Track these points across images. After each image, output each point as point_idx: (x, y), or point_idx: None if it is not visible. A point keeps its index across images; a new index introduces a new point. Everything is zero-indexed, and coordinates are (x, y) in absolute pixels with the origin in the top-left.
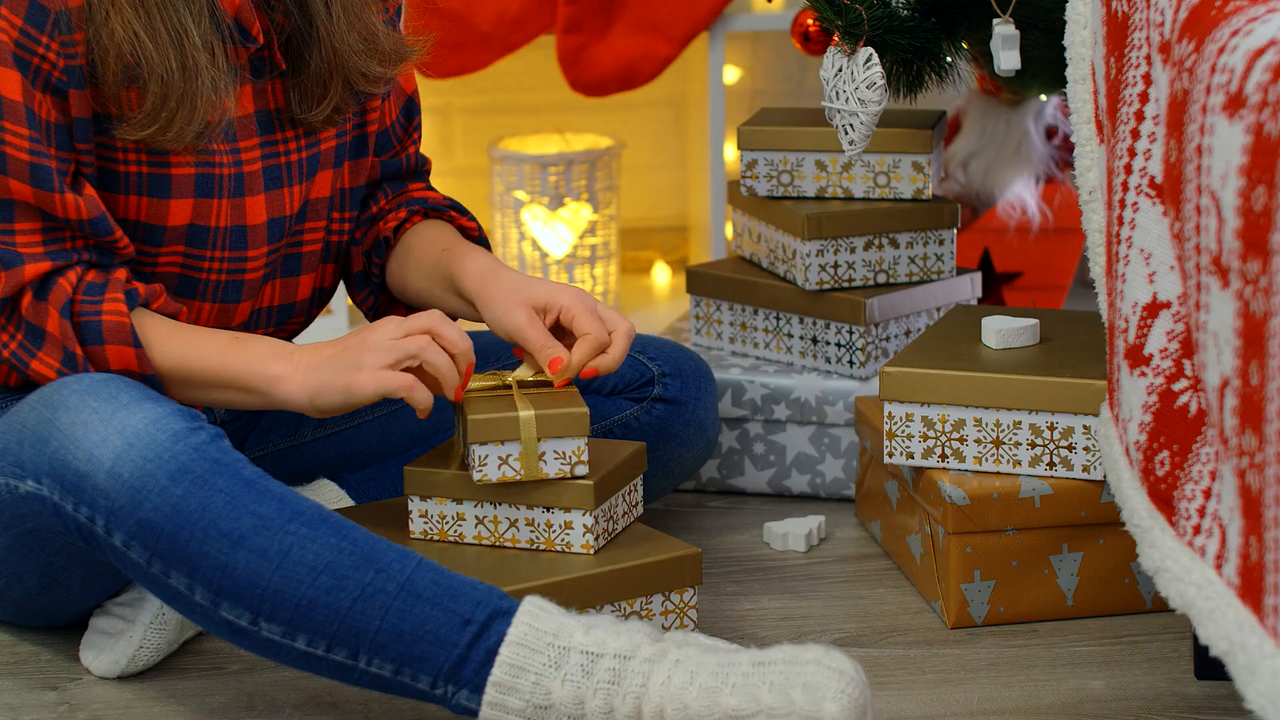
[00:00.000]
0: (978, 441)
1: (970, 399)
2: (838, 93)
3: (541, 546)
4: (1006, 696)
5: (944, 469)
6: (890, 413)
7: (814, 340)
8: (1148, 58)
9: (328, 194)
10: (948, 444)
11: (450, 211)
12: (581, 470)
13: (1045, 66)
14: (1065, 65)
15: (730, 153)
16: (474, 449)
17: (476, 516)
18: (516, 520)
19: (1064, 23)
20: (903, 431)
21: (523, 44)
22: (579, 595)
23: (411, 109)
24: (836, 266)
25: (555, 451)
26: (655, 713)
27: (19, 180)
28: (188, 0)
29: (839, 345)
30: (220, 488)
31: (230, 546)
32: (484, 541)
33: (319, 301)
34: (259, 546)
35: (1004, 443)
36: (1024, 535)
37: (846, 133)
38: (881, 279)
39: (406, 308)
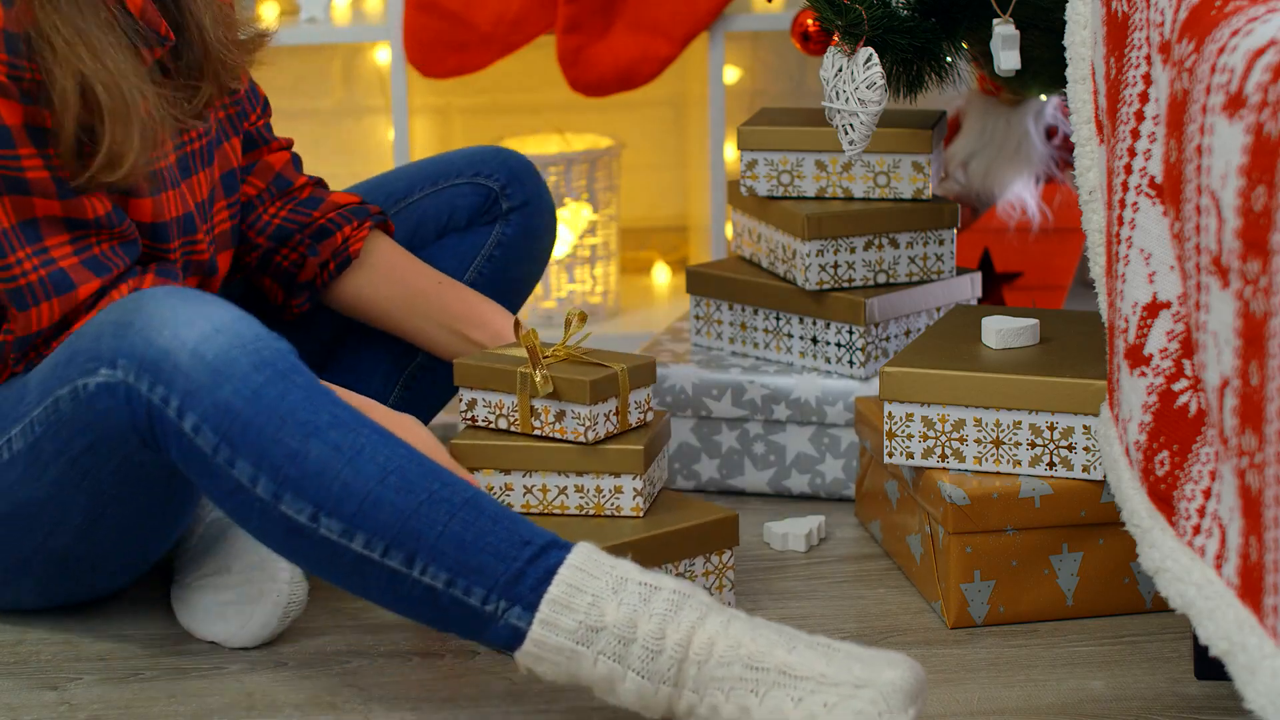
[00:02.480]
0: (978, 441)
1: (970, 399)
2: (838, 93)
3: (591, 512)
4: (1006, 696)
5: (944, 469)
6: (890, 413)
7: (814, 340)
8: (1148, 58)
9: (229, 169)
10: (948, 444)
11: (371, 214)
12: (650, 417)
13: (1045, 66)
14: (1065, 65)
15: (730, 153)
16: (584, 410)
17: (525, 486)
18: (566, 488)
19: (1064, 23)
20: (903, 431)
21: (523, 44)
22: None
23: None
24: (836, 266)
25: (635, 402)
26: (706, 643)
27: (44, 198)
28: (101, 15)
29: (839, 345)
30: (299, 384)
31: (305, 435)
32: (532, 510)
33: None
34: (333, 440)
35: (1004, 443)
36: (1024, 535)
37: (846, 133)
38: (881, 279)
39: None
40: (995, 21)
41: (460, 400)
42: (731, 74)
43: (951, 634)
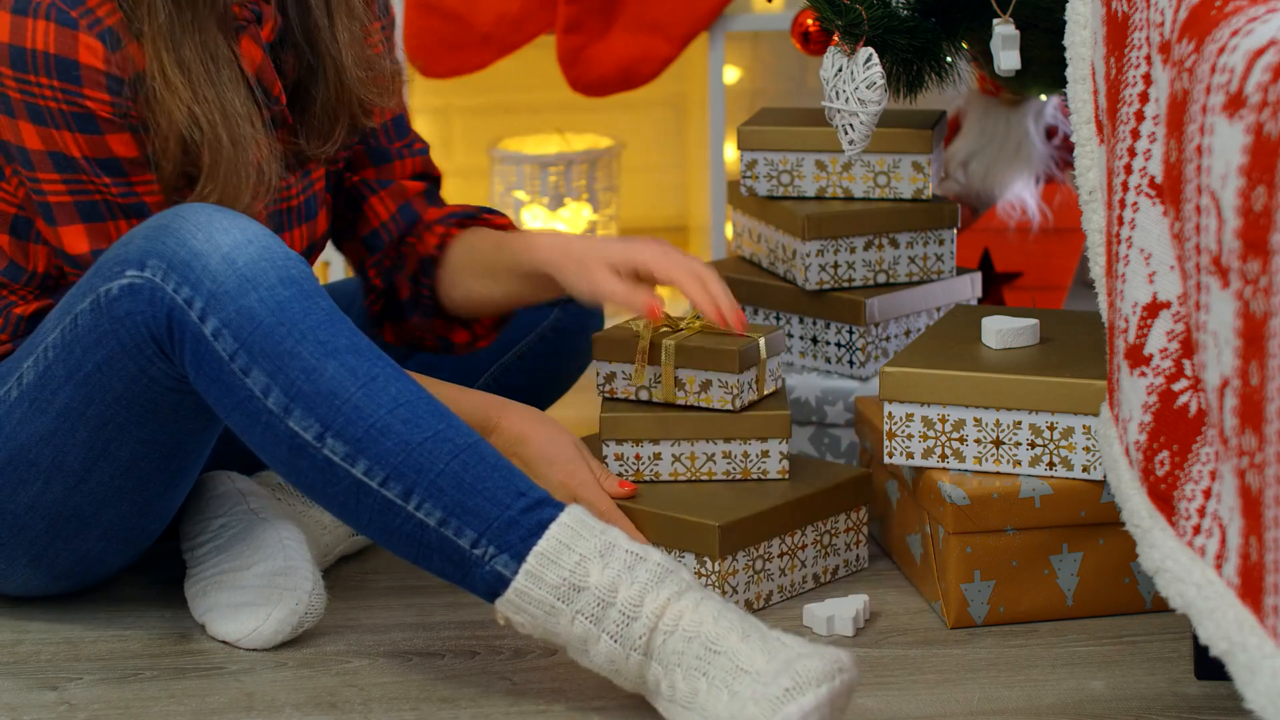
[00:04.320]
0: (978, 441)
1: (970, 399)
2: (838, 93)
3: (738, 476)
4: (1006, 696)
5: (944, 469)
6: (890, 413)
7: (814, 340)
8: (1148, 58)
9: (315, 238)
10: (948, 444)
11: (483, 215)
12: (781, 384)
13: (1045, 66)
14: (1065, 65)
15: (730, 153)
16: (731, 379)
17: (673, 454)
18: (714, 454)
19: (1064, 23)
20: (903, 431)
21: (523, 44)
22: (784, 521)
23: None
24: (836, 266)
25: (770, 370)
26: (675, 616)
27: None
28: (229, 70)
29: (839, 345)
30: (322, 306)
31: (324, 354)
32: (680, 478)
33: None
34: (349, 364)
35: (1004, 443)
36: (1024, 535)
37: (846, 133)
38: (881, 279)
39: (459, 324)
40: (995, 21)
41: (598, 374)
42: (731, 74)
43: (951, 634)
